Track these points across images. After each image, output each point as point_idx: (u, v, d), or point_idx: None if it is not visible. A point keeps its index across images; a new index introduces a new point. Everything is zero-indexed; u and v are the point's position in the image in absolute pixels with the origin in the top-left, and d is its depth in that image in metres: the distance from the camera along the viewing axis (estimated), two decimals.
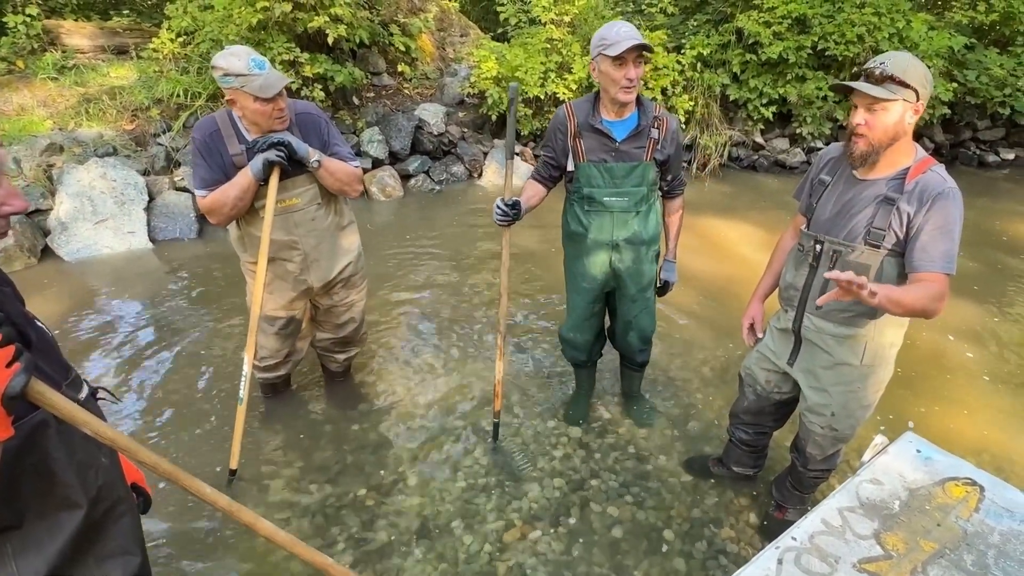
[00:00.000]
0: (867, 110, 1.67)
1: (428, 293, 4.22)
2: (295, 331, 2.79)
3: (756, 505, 2.55)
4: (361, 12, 6.04)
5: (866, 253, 1.74)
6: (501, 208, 2.30)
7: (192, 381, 3.21)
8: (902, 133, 1.69)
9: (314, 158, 2.35)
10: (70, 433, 1.15)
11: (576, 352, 2.82)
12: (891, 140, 1.69)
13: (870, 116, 1.67)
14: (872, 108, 1.66)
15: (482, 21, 10.46)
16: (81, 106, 5.39)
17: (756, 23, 6.97)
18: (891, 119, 1.66)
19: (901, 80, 1.62)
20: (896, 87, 1.63)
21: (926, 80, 1.64)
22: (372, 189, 6.08)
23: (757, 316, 2.25)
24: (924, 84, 1.64)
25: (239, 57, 2.16)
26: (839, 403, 1.96)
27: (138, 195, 4.84)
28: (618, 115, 2.29)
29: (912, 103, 1.64)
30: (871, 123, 1.67)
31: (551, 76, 6.61)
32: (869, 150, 1.71)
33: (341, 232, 2.67)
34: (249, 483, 2.57)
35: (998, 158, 8.22)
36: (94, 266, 4.53)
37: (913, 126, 1.70)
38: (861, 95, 1.66)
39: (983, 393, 3.31)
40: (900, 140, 1.70)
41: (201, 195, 2.33)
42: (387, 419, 2.98)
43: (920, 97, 1.64)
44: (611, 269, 2.50)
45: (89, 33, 6.70)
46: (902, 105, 1.64)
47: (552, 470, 2.69)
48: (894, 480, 1.49)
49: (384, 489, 2.57)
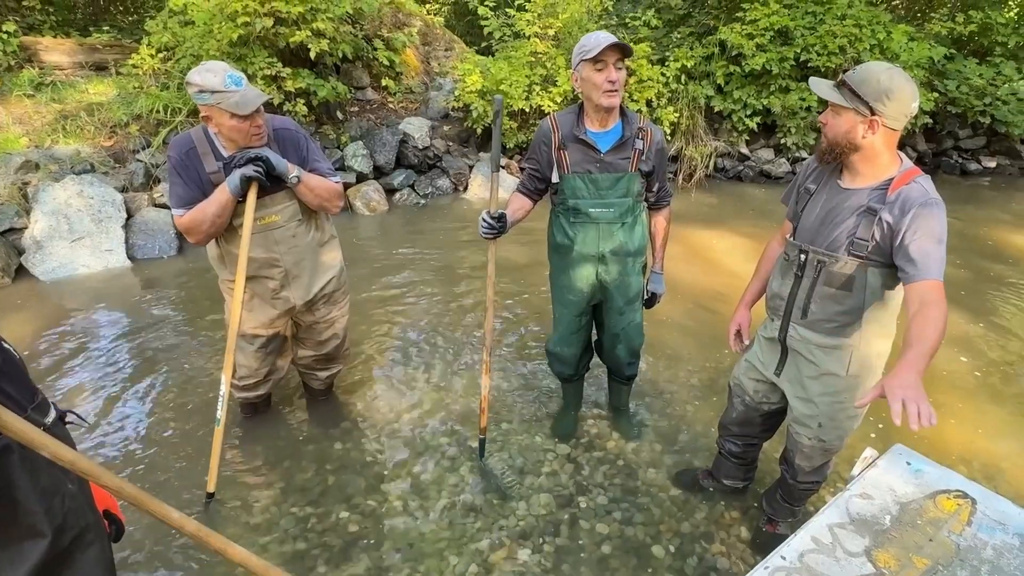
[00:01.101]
0: (830, 110, 1.70)
1: (413, 307, 4.17)
2: (276, 349, 2.74)
3: (747, 519, 2.51)
4: (344, 27, 6.03)
5: (850, 263, 1.72)
6: (487, 221, 2.26)
7: (170, 401, 3.14)
8: (855, 144, 1.66)
9: (293, 174, 2.31)
10: (34, 459, 1.11)
11: (563, 366, 2.78)
12: (845, 147, 1.68)
13: (829, 116, 1.70)
14: (833, 109, 1.68)
15: (467, 36, 10.50)
16: (58, 123, 5.31)
17: (739, 35, 7.04)
18: (840, 126, 1.66)
19: (853, 90, 1.61)
20: (849, 96, 1.62)
21: (895, 99, 1.57)
22: (357, 203, 6.04)
23: (743, 322, 2.23)
24: (887, 102, 1.57)
25: (215, 73, 2.12)
26: (826, 414, 1.93)
27: (116, 212, 4.76)
28: (602, 126, 2.27)
29: (863, 117, 1.61)
30: (828, 123, 1.71)
31: (536, 89, 6.62)
32: (826, 148, 1.74)
33: (322, 248, 2.63)
34: (227, 506, 2.49)
35: (980, 166, 8.33)
36: (70, 285, 4.44)
37: (885, 140, 1.65)
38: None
39: (971, 401, 3.30)
40: (868, 151, 1.67)
41: (178, 214, 2.28)
42: (370, 437, 2.92)
43: (877, 113, 1.59)
44: (597, 281, 2.47)
45: (68, 50, 6.63)
46: (852, 115, 1.63)
47: (540, 487, 2.64)
48: (884, 494, 1.45)
49: (367, 510, 2.51)
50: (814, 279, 1.81)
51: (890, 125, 1.62)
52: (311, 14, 5.39)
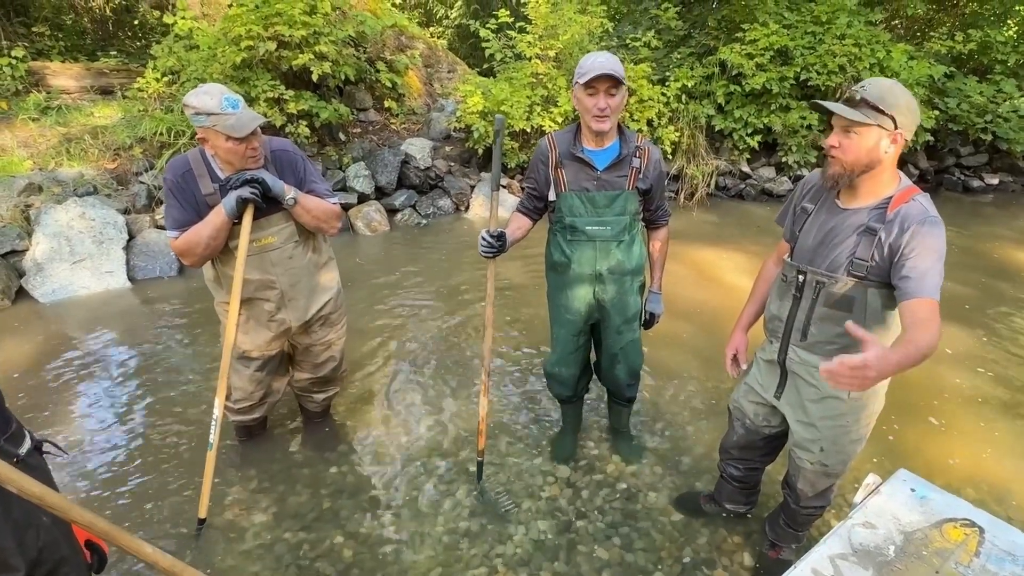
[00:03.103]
0: (843, 132, 1.65)
1: (414, 328, 4.15)
2: (272, 372, 2.71)
3: (749, 544, 2.45)
4: (347, 49, 6.09)
5: (849, 284, 1.69)
6: (486, 240, 2.25)
7: (167, 425, 3.11)
8: (877, 161, 1.64)
9: (290, 195, 2.31)
10: (5, 492, 1.07)
11: (562, 387, 2.74)
12: (865, 166, 1.65)
13: (845, 139, 1.65)
14: (848, 131, 1.63)
15: (470, 58, 10.61)
16: (62, 146, 5.36)
17: (739, 55, 7.08)
18: (865, 144, 1.62)
19: (876, 106, 1.58)
20: (872, 112, 1.59)
21: (908, 110, 1.59)
22: (358, 224, 6.04)
23: (740, 346, 2.19)
24: (905, 113, 1.58)
25: (212, 95, 2.12)
26: (828, 438, 1.88)
27: (117, 234, 4.77)
28: (599, 144, 2.26)
29: (889, 131, 1.60)
30: (845, 146, 1.65)
31: (536, 109, 6.65)
32: (842, 172, 1.68)
33: (319, 270, 2.61)
34: (219, 532, 2.45)
35: (982, 183, 8.30)
36: (70, 307, 4.43)
37: (894, 155, 1.66)
38: (839, 117, 1.63)
39: (979, 420, 3.24)
40: (878, 168, 1.65)
41: (173, 235, 2.27)
42: (366, 460, 2.88)
43: (899, 126, 1.59)
44: (595, 300, 2.45)
45: (75, 74, 6.72)
46: (877, 132, 1.60)
47: (538, 511, 2.59)
48: (888, 523, 1.41)
49: (361, 536, 2.46)
50: (813, 300, 1.78)
51: (908, 136, 1.62)
52: (314, 38, 5.45)
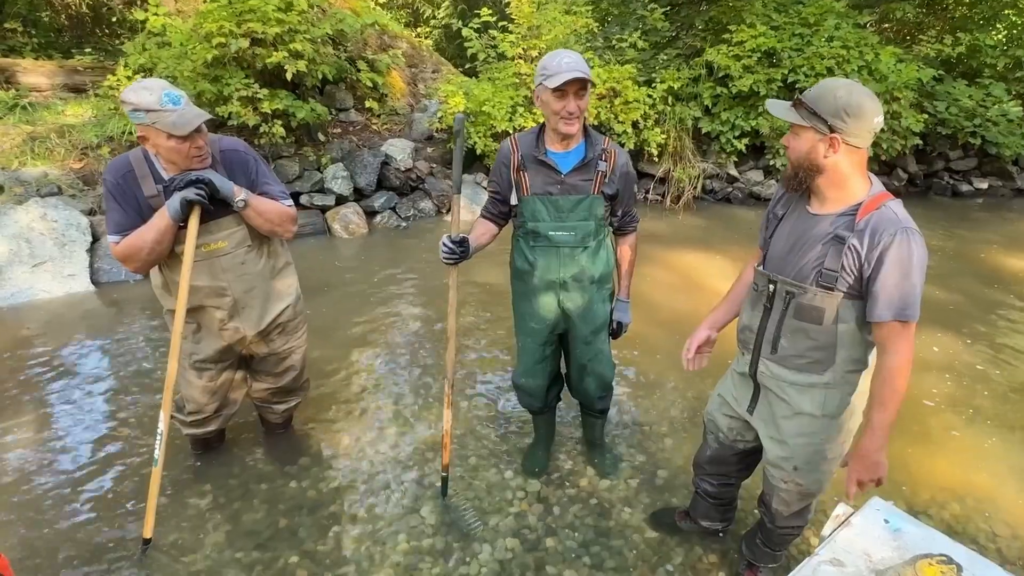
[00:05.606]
0: (791, 131, 1.60)
1: (388, 334, 4.02)
2: (227, 383, 2.58)
3: (726, 563, 2.34)
4: (325, 48, 5.96)
5: (819, 296, 1.58)
6: (448, 246, 2.15)
7: (124, 436, 2.96)
8: (818, 165, 1.54)
9: (239, 197, 2.18)
10: None
11: (531, 399, 2.63)
12: (810, 169, 1.56)
13: (790, 138, 1.60)
14: (793, 130, 1.58)
15: (456, 58, 10.49)
16: (27, 145, 5.19)
17: (726, 57, 7.00)
18: (801, 146, 1.56)
19: (809, 108, 1.50)
20: (806, 114, 1.51)
21: (852, 115, 1.46)
22: (335, 226, 5.91)
23: (700, 340, 2.01)
24: (845, 118, 1.46)
25: (151, 91, 1.99)
26: (801, 456, 1.77)
27: (81, 236, 4.61)
28: (564, 146, 2.15)
29: (823, 136, 1.50)
30: (789, 145, 1.60)
31: (519, 110, 6.54)
32: (790, 172, 1.63)
33: (275, 276, 2.49)
34: (166, 553, 2.31)
35: (972, 187, 8.25)
36: (28, 312, 4.26)
37: (852, 161, 1.53)
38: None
39: (964, 431, 3.15)
40: (834, 173, 1.54)
41: (114, 240, 2.14)
42: (328, 474, 2.75)
43: (837, 130, 1.47)
44: (560, 309, 2.33)
45: (48, 71, 6.58)
46: (812, 134, 1.52)
47: (506, 528, 2.48)
48: (858, 560, 1.29)
49: (319, 556, 2.33)
50: (783, 311, 1.67)
51: (852, 143, 1.49)
52: (288, 35, 5.32)
